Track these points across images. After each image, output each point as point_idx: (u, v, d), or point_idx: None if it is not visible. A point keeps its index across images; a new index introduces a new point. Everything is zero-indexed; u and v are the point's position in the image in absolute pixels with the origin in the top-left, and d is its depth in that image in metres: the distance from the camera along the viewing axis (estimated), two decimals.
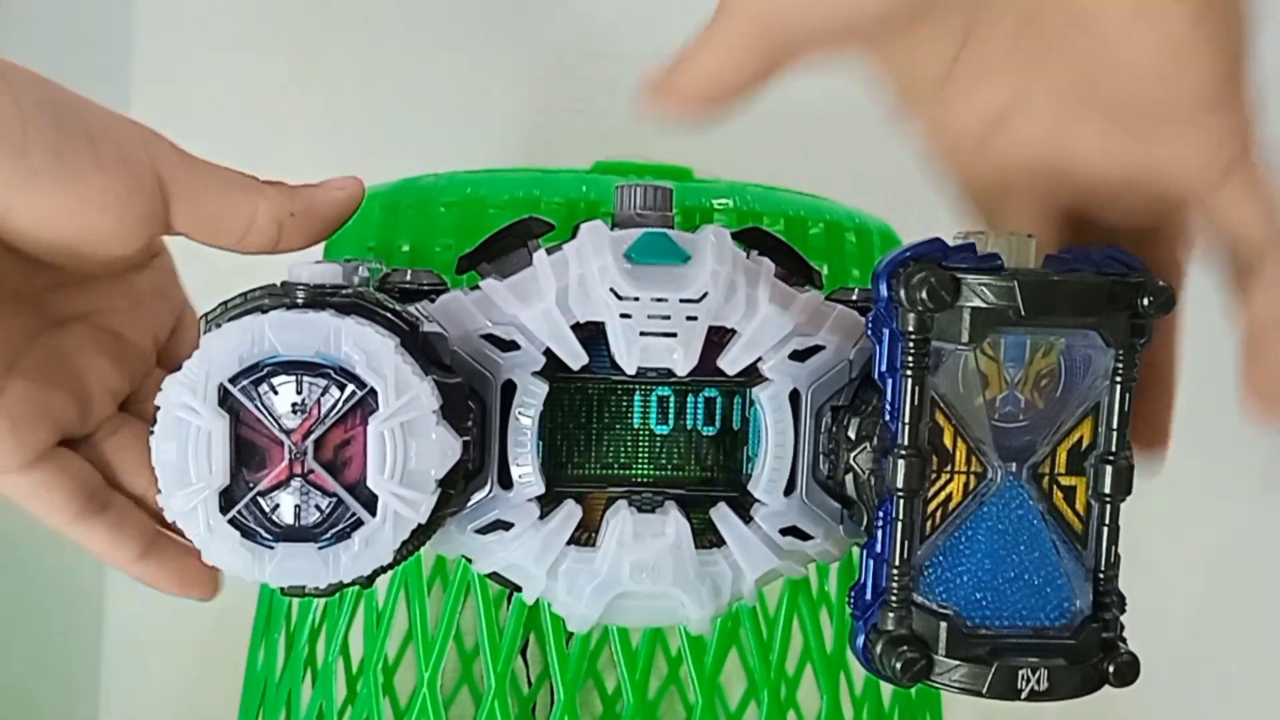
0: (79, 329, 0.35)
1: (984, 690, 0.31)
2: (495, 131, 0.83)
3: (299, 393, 0.30)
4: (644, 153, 0.51)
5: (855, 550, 0.35)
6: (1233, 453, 0.80)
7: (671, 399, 0.36)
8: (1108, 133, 0.33)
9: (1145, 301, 0.30)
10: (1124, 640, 0.32)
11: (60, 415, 0.34)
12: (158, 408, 0.30)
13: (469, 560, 0.36)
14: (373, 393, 0.30)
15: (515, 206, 0.50)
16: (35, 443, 0.33)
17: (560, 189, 0.51)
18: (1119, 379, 0.31)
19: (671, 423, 0.36)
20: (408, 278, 0.35)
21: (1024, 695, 0.31)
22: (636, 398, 0.36)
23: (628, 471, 0.36)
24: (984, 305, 0.30)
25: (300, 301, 0.31)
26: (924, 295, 0.30)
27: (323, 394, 0.30)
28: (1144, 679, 0.32)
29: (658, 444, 0.36)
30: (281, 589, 0.31)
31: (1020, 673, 0.31)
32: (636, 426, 0.36)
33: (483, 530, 0.34)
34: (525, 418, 0.34)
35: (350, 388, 0.30)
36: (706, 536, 0.35)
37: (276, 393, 0.30)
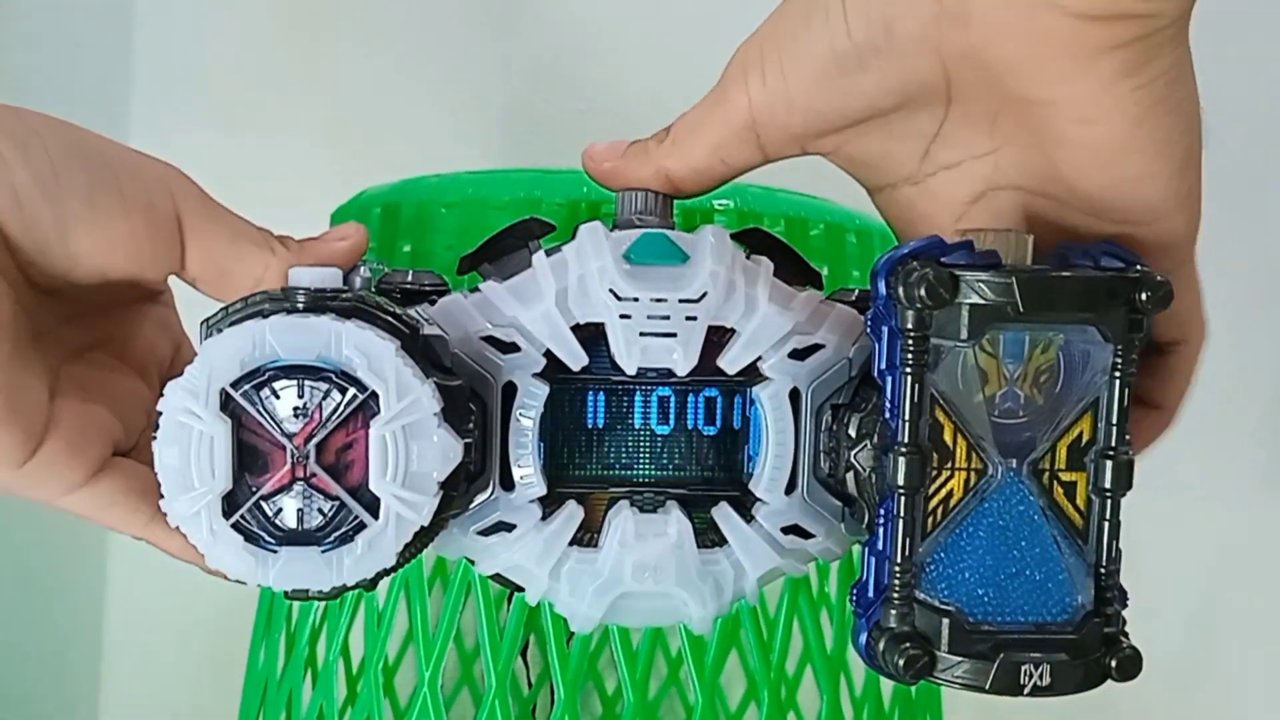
0: (97, 356, 0.36)
1: (986, 686, 0.31)
2: (495, 132, 0.83)
3: (301, 396, 0.30)
4: None
5: (856, 548, 0.35)
6: (1233, 454, 0.80)
7: (672, 399, 0.36)
8: (1070, 213, 0.33)
9: (1143, 296, 0.31)
10: (1126, 635, 0.32)
11: (108, 427, 0.34)
12: (160, 413, 0.30)
13: (471, 562, 0.36)
14: (374, 396, 0.30)
15: (516, 207, 0.51)
16: (94, 456, 0.33)
17: (561, 189, 0.51)
18: (1118, 374, 0.31)
19: (672, 423, 0.36)
20: (409, 279, 0.35)
21: (1026, 690, 0.31)
22: (637, 398, 0.36)
23: (629, 472, 0.36)
24: (982, 302, 0.30)
25: (301, 305, 0.31)
26: (922, 292, 0.30)
27: (324, 398, 0.31)
28: (1144, 679, 0.32)
29: (659, 444, 0.36)
30: (285, 592, 0.31)
31: (1023, 668, 0.31)
32: (637, 427, 0.36)
33: (485, 532, 0.34)
34: (526, 419, 0.34)
35: (352, 391, 0.30)
36: (708, 536, 0.35)
37: (278, 397, 0.30)
